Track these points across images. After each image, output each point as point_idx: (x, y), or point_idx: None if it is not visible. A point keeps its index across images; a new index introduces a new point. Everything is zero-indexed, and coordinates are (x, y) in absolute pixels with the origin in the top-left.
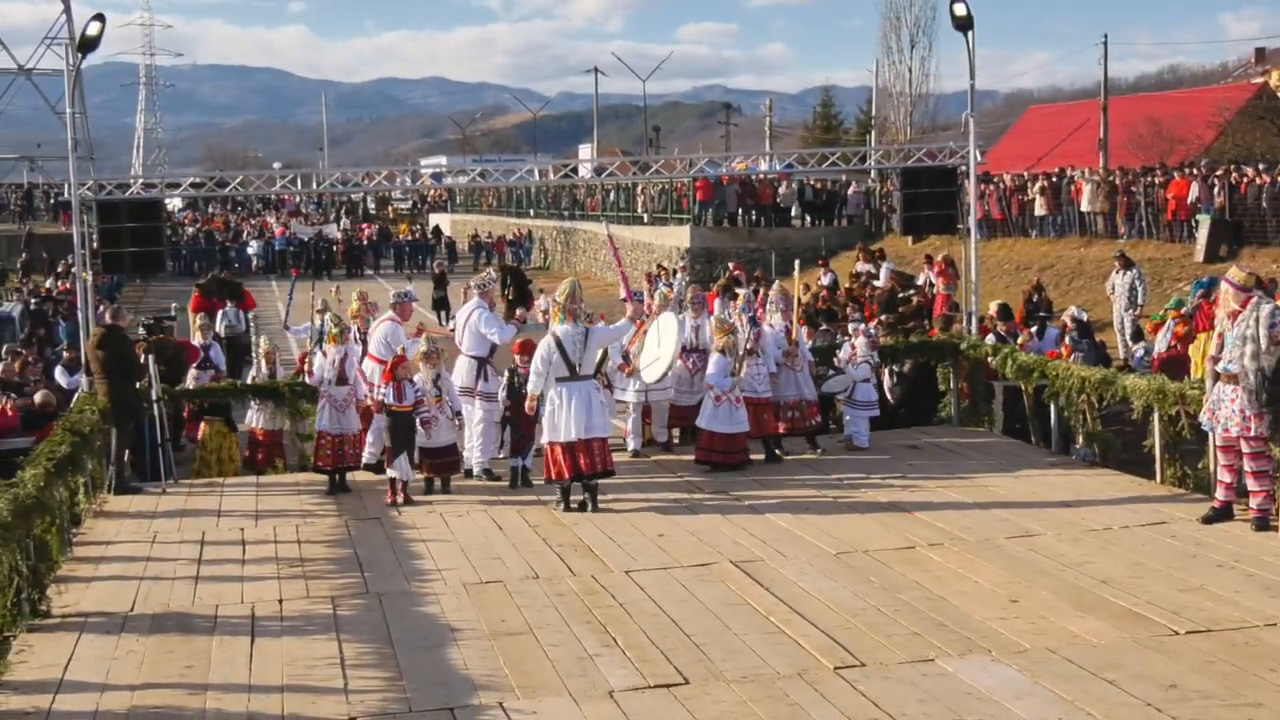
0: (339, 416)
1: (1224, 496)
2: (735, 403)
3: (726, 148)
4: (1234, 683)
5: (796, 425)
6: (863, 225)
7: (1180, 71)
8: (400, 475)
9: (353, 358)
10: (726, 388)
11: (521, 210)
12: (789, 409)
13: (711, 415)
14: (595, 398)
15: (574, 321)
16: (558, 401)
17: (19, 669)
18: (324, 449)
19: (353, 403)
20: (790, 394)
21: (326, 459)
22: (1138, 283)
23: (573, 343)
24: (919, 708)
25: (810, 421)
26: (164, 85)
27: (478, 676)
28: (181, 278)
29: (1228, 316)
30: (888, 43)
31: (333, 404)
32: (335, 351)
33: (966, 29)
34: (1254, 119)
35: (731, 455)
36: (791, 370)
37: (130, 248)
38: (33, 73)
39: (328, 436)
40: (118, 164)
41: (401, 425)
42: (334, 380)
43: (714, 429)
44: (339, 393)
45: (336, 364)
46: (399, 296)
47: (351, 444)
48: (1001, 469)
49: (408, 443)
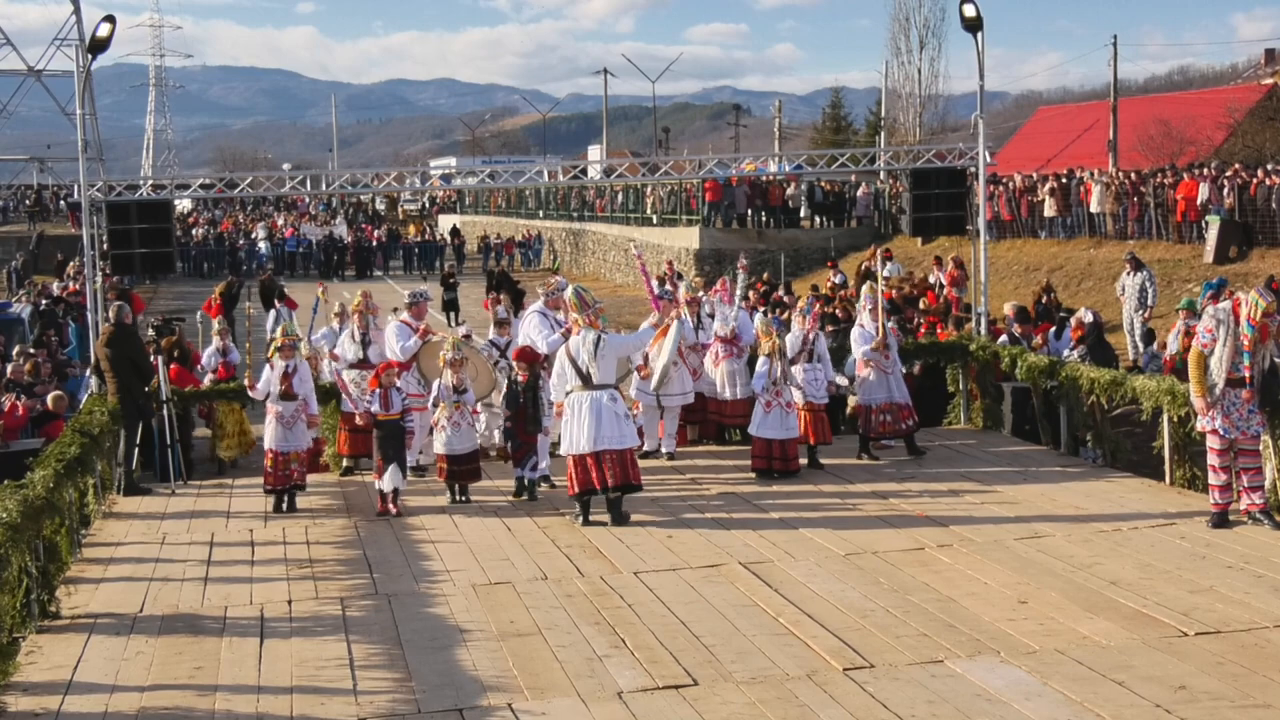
0: (286, 433)
1: (1222, 500)
2: (786, 408)
3: (736, 149)
4: (1244, 684)
5: (888, 429)
6: (872, 226)
7: (1190, 72)
8: (389, 486)
9: (303, 371)
10: (759, 389)
11: (530, 212)
12: (881, 413)
13: (761, 421)
14: (610, 408)
15: (588, 329)
16: (571, 412)
17: (28, 670)
18: (269, 468)
19: (302, 418)
20: (880, 397)
21: (270, 478)
22: (1148, 284)
23: (585, 351)
24: (928, 709)
25: (904, 425)
26: (174, 86)
27: (487, 678)
28: (191, 279)
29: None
30: (897, 44)
31: (280, 420)
32: (283, 364)
33: (976, 30)
34: (1264, 120)
35: (786, 462)
36: (883, 373)
37: (140, 249)
38: (43, 74)
39: (273, 454)
40: (127, 165)
41: (389, 434)
42: (280, 395)
43: (764, 435)
44: (287, 408)
45: (284, 377)
46: (414, 297)
47: (300, 462)
48: (1011, 470)
49: (396, 452)
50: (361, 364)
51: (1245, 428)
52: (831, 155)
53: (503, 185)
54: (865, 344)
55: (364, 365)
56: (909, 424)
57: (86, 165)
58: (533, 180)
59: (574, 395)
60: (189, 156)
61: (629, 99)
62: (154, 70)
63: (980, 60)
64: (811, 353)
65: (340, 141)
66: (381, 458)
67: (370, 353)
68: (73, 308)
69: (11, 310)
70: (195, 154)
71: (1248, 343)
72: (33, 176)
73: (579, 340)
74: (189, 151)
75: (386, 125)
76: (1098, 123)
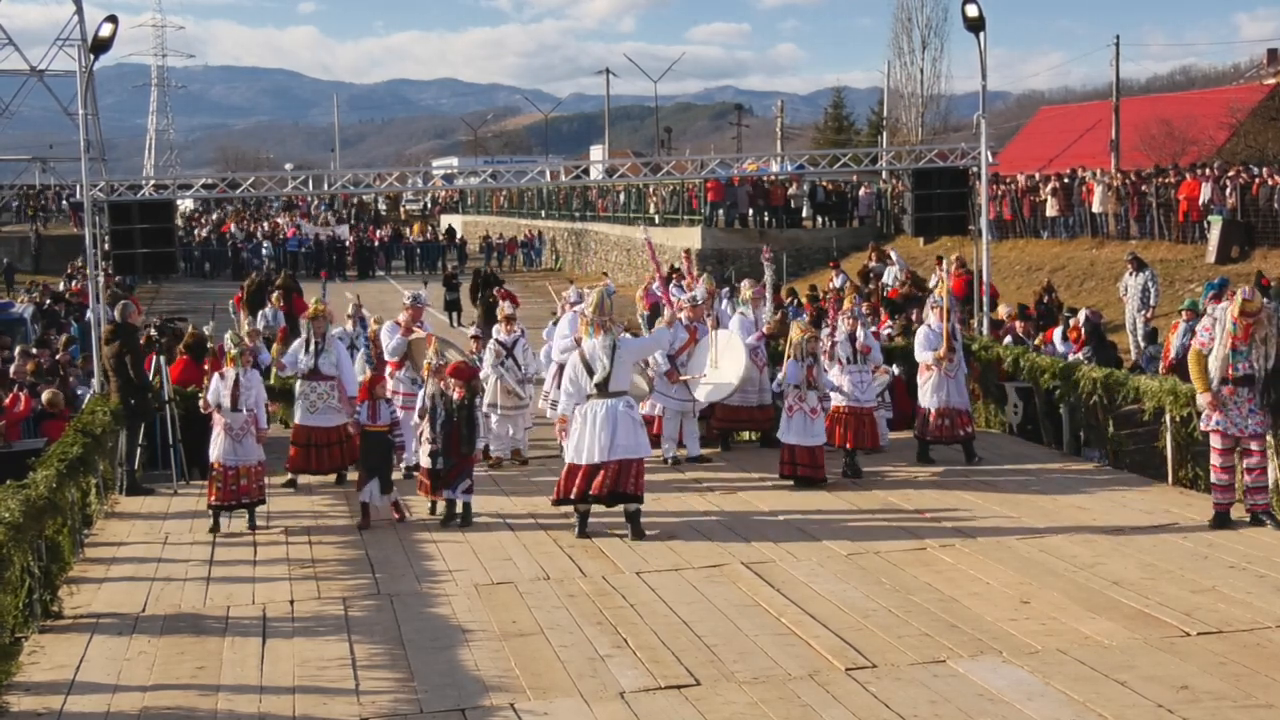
0: (235, 446)
1: (1223, 500)
2: (810, 414)
3: (738, 149)
4: (1246, 684)
5: (945, 434)
6: (874, 226)
7: (1192, 72)
8: (372, 501)
9: (254, 382)
10: (788, 387)
11: (533, 211)
12: (941, 416)
13: (785, 427)
14: (626, 416)
15: (603, 334)
16: (583, 420)
17: (31, 670)
18: (215, 482)
19: (251, 430)
20: (940, 401)
21: (219, 494)
22: (1150, 284)
23: (598, 357)
24: (930, 709)
25: (961, 431)
26: (176, 86)
27: (489, 677)
28: (194, 279)
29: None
30: (899, 44)
31: (228, 432)
32: (233, 373)
33: (978, 30)
34: (1266, 120)
35: (814, 470)
36: (946, 376)
37: (142, 249)
38: (45, 74)
39: (220, 468)
40: (130, 165)
41: (375, 447)
42: (230, 406)
43: (788, 441)
44: (235, 419)
45: (233, 387)
46: (412, 300)
47: (249, 477)
48: (1012, 470)
49: (382, 466)
50: (313, 374)
51: (1244, 427)
52: (833, 155)
53: (505, 185)
54: (931, 346)
55: (316, 376)
56: (966, 431)
57: (89, 165)
58: (535, 180)
59: (588, 403)
60: (191, 157)
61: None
62: (156, 70)
63: (982, 60)
64: (858, 353)
65: (342, 141)
66: (365, 470)
67: (322, 363)
68: (74, 307)
69: (14, 310)
70: (197, 154)
71: (1232, 340)
72: (35, 176)
73: (593, 345)
74: (191, 151)
75: (388, 125)
76: (1100, 123)
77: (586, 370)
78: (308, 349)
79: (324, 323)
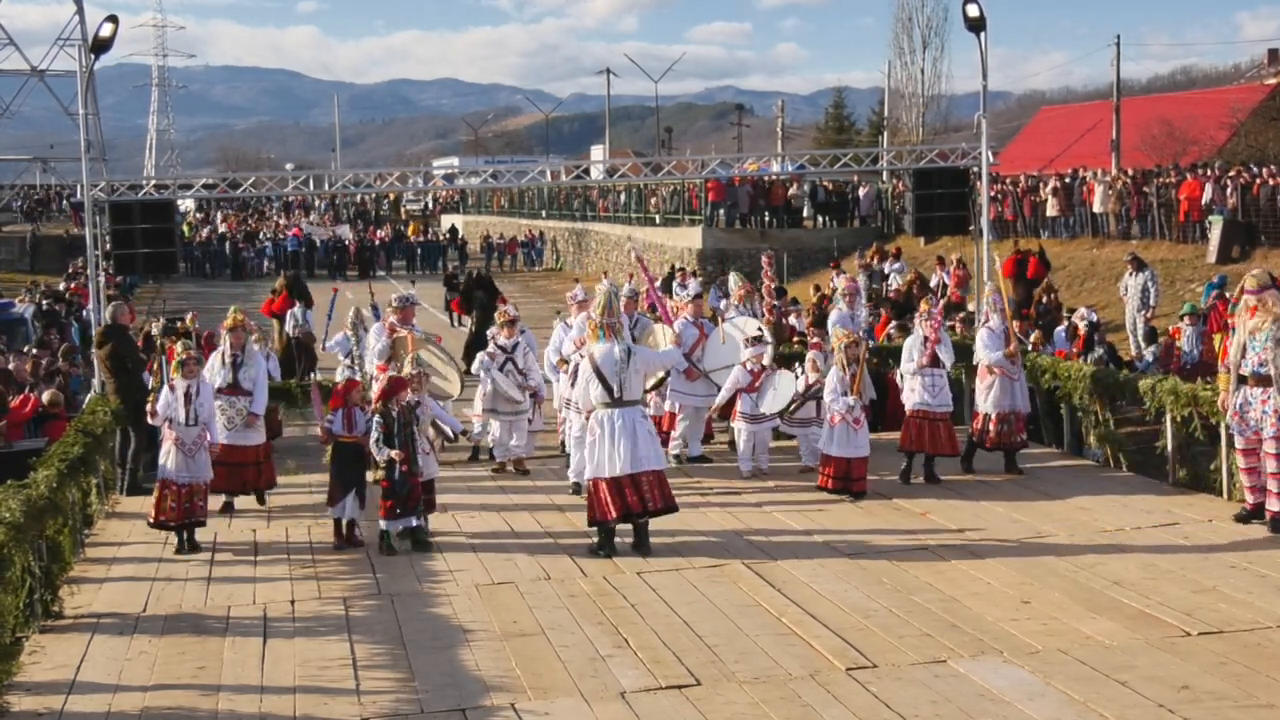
0: (188, 462)
1: (1255, 499)
2: (854, 424)
3: (739, 149)
4: (1247, 684)
5: (1003, 440)
6: (875, 226)
7: (1193, 72)
8: (345, 515)
9: (206, 393)
10: (841, 408)
11: (534, 211)
12: (1001, 421)
13: (828, 437)
14: (642, 425)
15: (615, 338)
16: (599, 431)
17: (31, 670)
18: (167, 501)
19: (204, 445)
20: (1003, 406)
21: (171, 513)
22: (1150, 284)
23: (612, 363)
24: (931, 709)
25: (1016, 438)
26: (176, 86)
27: (490, 677)
28: (195, 279)
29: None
30: (900, 44)
31: (180, 447)
32: (185, 384)
33: (979, 30)
34: (1267, 120)
35: (850, 482)
36: (1009, 379)
37: (143, 249)
38: (45, 74)
39: (173, 486)
40: (130, 165)
41: (348, 459)
42: (184, 420)
43: (830, 453)
44: (188, 434)
45: (185, 400)
46: (401, 301)
47: (202, 495)
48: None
49: (355, 479)
50: (231, 389)
51: (1252, 428)
52: (834, 155)
53: (505, 185)
54: (994, 348)
55: (235, 391)
56: (1021, 438)
57: (89, 165)
58: (535, 180)
59: (602, 413)
60: (192, 156)
61: (631, 99)
62: (157, 70)
63: (983, 60)
64: (935, 358)
65: (343, 141)
66: (339, 484)
67: (241, 376)
68: (75, 307)
69: (14, 310)
70: (198, 154)
71: (1244, 329)
72: (35, 176)
73: (606, 350)
74: (192, 152)
75: (389, 125)
76: (1101, 123)
77: (599, 379)
78: (224, 362)
79: (243, 334)
